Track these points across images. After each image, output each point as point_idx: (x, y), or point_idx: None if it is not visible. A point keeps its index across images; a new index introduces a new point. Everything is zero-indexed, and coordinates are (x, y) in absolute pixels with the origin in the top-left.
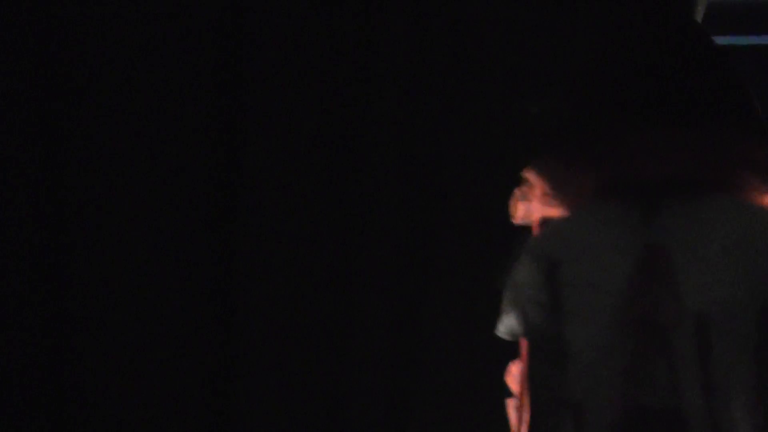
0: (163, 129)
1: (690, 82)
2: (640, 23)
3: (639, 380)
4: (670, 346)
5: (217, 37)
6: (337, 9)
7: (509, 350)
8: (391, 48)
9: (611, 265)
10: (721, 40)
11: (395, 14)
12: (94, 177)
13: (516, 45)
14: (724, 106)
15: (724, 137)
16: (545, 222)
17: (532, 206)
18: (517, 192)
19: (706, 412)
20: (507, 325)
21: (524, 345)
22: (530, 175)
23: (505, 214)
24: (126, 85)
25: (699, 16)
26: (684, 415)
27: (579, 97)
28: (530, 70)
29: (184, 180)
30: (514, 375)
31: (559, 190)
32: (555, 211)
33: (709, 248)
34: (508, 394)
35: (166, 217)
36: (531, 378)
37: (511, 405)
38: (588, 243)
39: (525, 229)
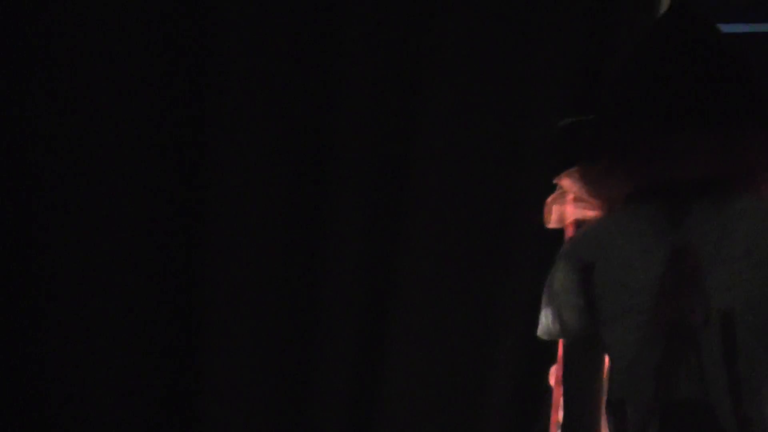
0: (126, 130)
1: (714, 87)
2: (662, 33)
3: (671, 377)
4: (699, 343)
5: (181, 40)
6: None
7: (477, 351)
8: (363, 47)
9: (641, 266)
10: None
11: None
12: (57, 177)
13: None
14: (745, 110)
15: (746, 140)
16: (579, 224)
17: (566, 210)
18: (550, 198)
19: (735, 405)
20: (544, 325)
21: (561, 346)
22: (565, 181)
23: (471, 213)
24: (91, 88)
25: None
26: (714, 408)
27: (609, 105)
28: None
29: (150, 176)
30: (555, 376)
31: (593, 194)
32: (589, 214)
33: (733, 249)
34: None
35: (132, 214)
36: (567, 377)
37: (554, 404)
38: (619, 246)
39: (558, 233)
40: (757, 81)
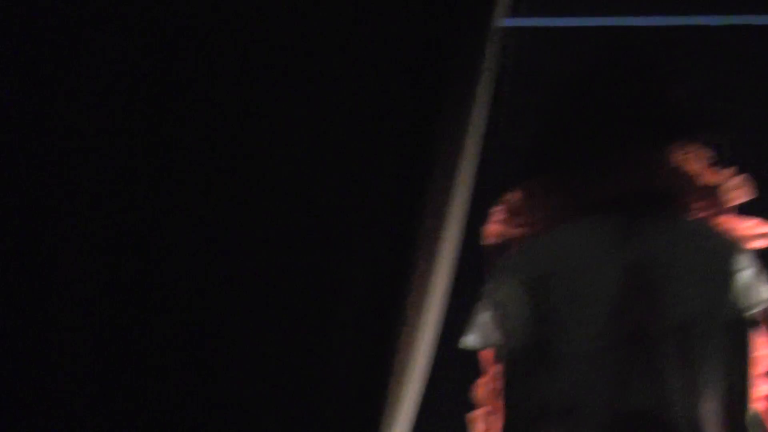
0: None
1: (654, 108)
2: (607, 57)
3: (626, 386)
4: (654, 354)
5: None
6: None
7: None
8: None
9: (595, 279)
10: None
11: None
12: None
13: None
14: (682, 132)
15: (679, 162)
16: (515, 240)
17: (506, 226)
18: (491, 213)
19: (685, 413)
20: (483, 336)
21: (491, 357)
22: (509, 197)
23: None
24: None
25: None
26: (667, 416)
27: (552, 124)
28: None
29: None
30: (482, 388)
31: (536, 210)
32: (516, 231)
33: (684, 266)
34: (471, 407)
35: None
36: (511, 387)
37: (476, 417)
38: (571, 259)
39: (495, 248)
40: (696, 108)
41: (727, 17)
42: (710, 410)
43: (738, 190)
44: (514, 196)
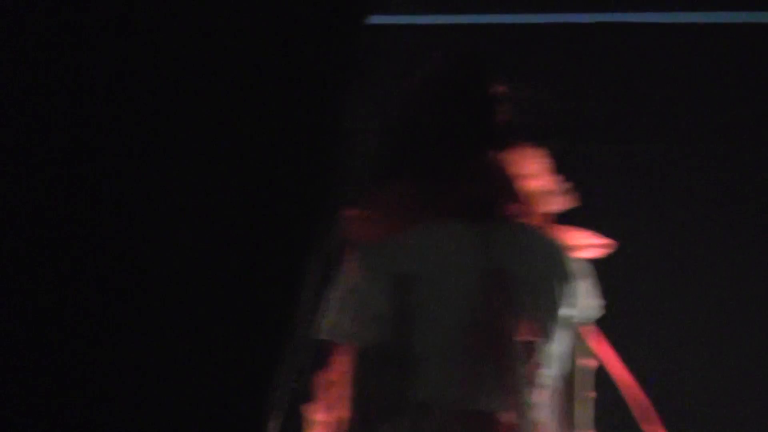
0: None
1: (492, 118)
2: (458, 66)
3: (477, 387)
4: (505, 357)
5: None
6: None
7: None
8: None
9: (457, 283)
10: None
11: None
12: None
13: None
14: (519, 139)
15: (516, 168)
16: (370, 238)
17: (360, 225)
18: (348, 211)
19: (529, 414)
20: (341, 328)
21: (337, 349)
22: (364, 196)
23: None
24: None
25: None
26: (513, 417)
27: (406, 130)
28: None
29: None
30: (324, 381)
31: (388, 211)
32: (383, 230)
33: (535, 273)
34: (309, 399)
35: None
36: (364, 381)
37: (313, 408)
38: (434, 260)
39: (346, 244)
40: (530, 112)
41: (594, 15)
42: (550, 413)
43: (567, 198)
44: (367, 197)
